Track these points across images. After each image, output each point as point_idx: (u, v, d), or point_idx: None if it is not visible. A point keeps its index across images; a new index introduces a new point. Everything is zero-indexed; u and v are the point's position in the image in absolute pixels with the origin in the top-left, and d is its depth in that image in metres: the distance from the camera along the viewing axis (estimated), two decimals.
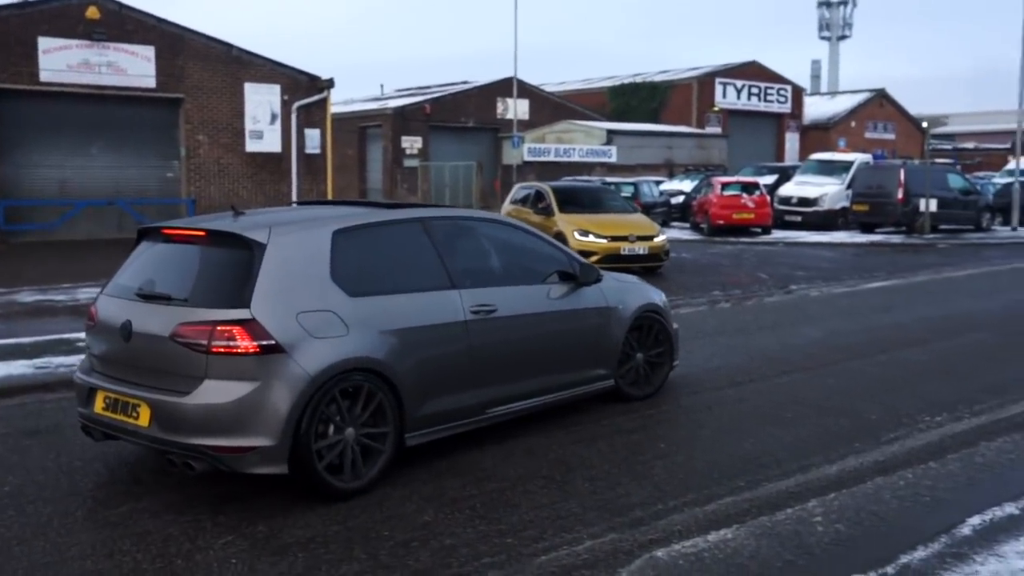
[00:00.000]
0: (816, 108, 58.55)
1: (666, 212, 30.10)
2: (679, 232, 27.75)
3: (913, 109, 61.77)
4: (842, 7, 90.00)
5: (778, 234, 27.06)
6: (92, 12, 23.51)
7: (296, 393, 5.30)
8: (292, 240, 5.72)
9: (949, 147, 61.38)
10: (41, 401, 8.07)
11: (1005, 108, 58.38)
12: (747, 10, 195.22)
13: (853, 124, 56.85)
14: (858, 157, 32.15)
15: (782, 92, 54.60)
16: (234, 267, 5.57)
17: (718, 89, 51.74)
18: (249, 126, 26.04)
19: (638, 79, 54.90)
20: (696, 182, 32.91)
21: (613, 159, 42.22)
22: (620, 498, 5.57)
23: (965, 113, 77.08)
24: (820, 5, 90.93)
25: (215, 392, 5.25)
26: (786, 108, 54.75)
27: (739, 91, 52.57)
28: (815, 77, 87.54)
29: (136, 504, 5.49)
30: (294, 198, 26.29)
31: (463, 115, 46.04)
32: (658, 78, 54.24)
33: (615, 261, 16.96)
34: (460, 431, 6.37)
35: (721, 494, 5.64)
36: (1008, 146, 53.97)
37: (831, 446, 6.58)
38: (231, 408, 5.23)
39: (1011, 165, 35.37)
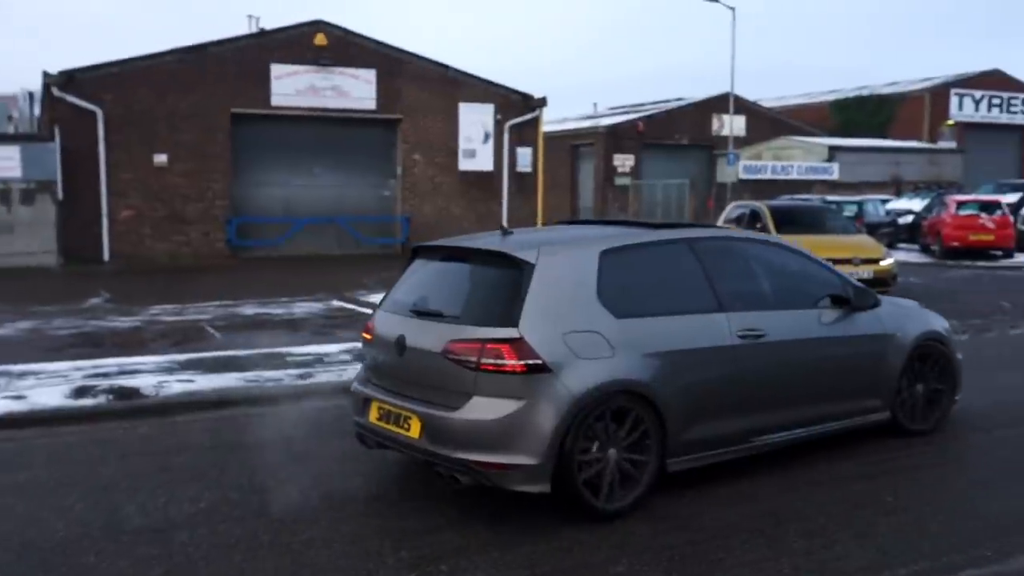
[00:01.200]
0: None
1: (893, 233, 28.22)
2: (907, 255, 25.84)
3: None
4: None
5: (1022, 258, 24.67)
6: (320, 39, 24.67)
7: (561, 413, 5.28)
8: (560, 260, 5.73)
9: None
10: (247, 415, 8.21)
11: None
12: (988, 12, 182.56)
13: None
14: None
15: None
16: (504, 286, 5.64)
17: (953, 100, 48.33)
18: (463, 145, 26.52)
19: (863, 92, 52.20)
20: (927, 201, 30.66)
21: (835, 176, 40.21)
22: (837, 559, 4.89)
23: None
24: None
25: (483, 409, 5.32)
26: None
27: (977, 102, 48.90)
28: None
29: (316, 533, 5.35)
30: (504, 216, 26.54)
31: (676, 132, 45.27)
32: (885, 90, 51.37)
33: None
34: (723, 459, 6.16)
35: (960, 564, 4.85)
36: None
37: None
38: (497, 425, 5.28)
39: None
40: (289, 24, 24.95)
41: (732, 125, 41.24)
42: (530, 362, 5.28)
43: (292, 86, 24.58)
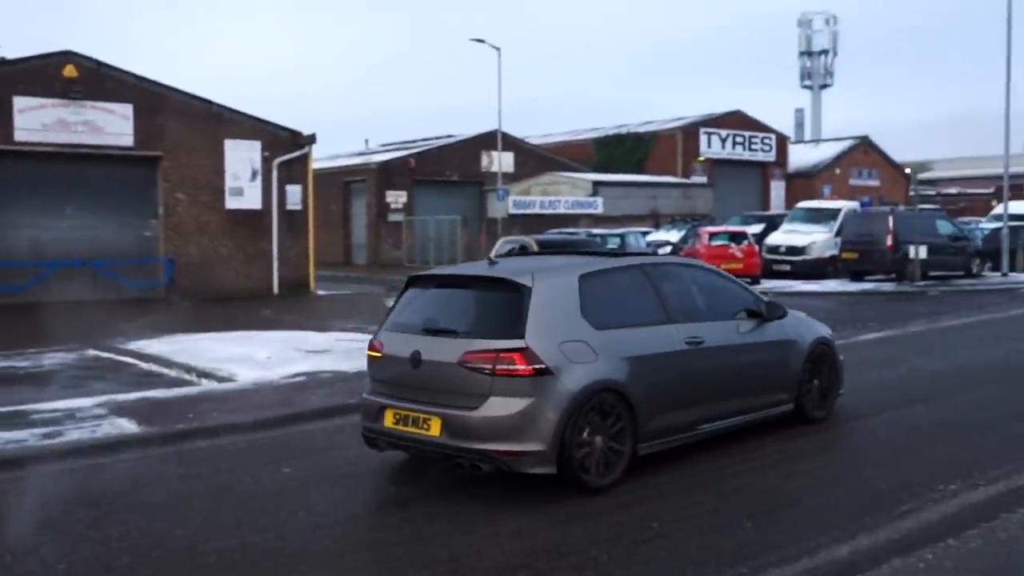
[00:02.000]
0: (800, 156, 58.66)
1: None
2: None
3: (896, 156, 62.02)
4: (823, 56, 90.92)
5: (768, 284, 26.61)
6: (70, 70, 23.15)
7: (562, 408, 6.50)
8: (550, 284, 6.95)
9: (933, 192, 61.30)
10: None
11: (987, 154, 58.78)
12: (730, 60, 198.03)
13: (838, 171, 56.93)
14: (845, 204, 31.91)
15: (766, 141, 54.68)
16: (507, 305, 6.80)
17: (702, 139, 51.77)
18: (229, 183, 25.62)
19: (622, 130, 54.93)
20: (683, 232, 32.57)
21: (599, 210, 41.96)
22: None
23: (948, 159, 77.42)
24: (801, 55, 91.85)
25: (499, 407, 6.48)
26: (771, 157, 54.79)
27: (723, 140, 52.62)
28: (799, 125, 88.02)
29: None
30: (275, 254, 25.86)
31: (447, 169, 45.86)
32: (642, 129, 54.30)
33: None
34: (675, 445, 7.45)
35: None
36: (991, 191, 54.18)
37: (838, 524, 6.03)
38: (512, 420, 6.45)
39: (998, 210, 35.26)
40: (34, 54, 23.29)
41: (501, 161, 42.25)
42: (537, 367, 6.49)
43: (38, 120, 22.90)
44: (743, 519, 6.11)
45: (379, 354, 7.29)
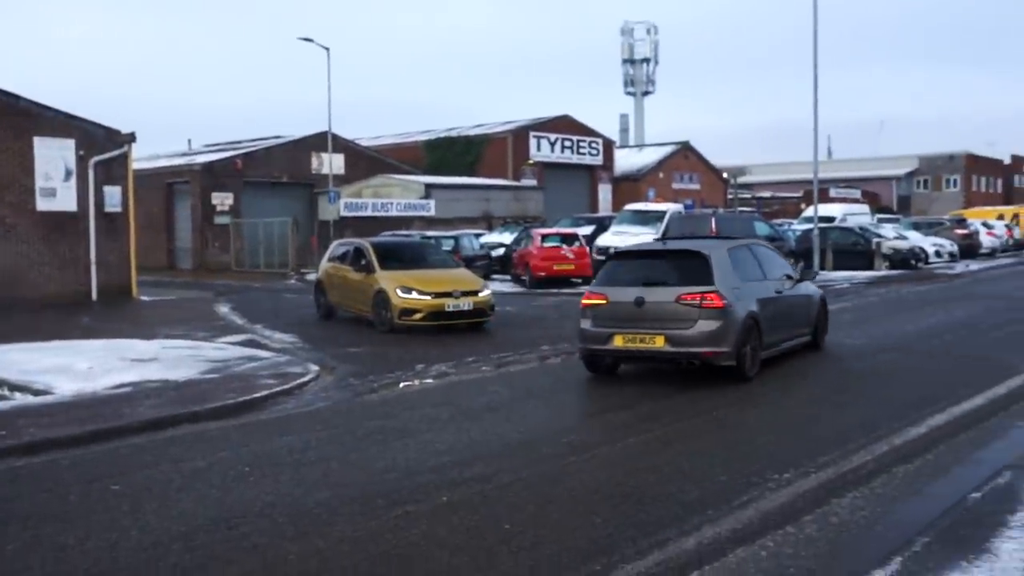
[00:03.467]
0: (626, 160, 60.53)
1: (487, 265, 29.88)
2: (501, 285, 27.53)
3: (715, 161, 64.97)
4: (645, 64, 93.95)
5: None
6: None
7: (736, 326, 10.74)
8: (717, 253, 11.37)
9: (749, 196, 64.72)
10: None
11: (798, 159, 62.42)
12: (559, 65, 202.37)
13: (661, 175, 59.09)
14: (670, 207, 33.07)
15: (594, 145, 56.11)
16: (698, 267, 11.05)
17: (532, 142, 52.60)
18: (40, 183, 24.01)
19: (453, 133, 55.13)
20: (515, 234, 32.93)
21: (431, 213, 41.92)
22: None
23: (762, 164, 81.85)
24: (625, 63, 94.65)
25: (705, 326, 10.66)
26: (598, 160, 56.27)
27: (552, 144, 53.63)
28: (624, 130, 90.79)
29: None
30: (93, 259, 24.44)
31: (277, 170, 44.75)
32: (473, 132, 54.64)
33: (440, 318, 16.46)
34: (773, 354, 11.88)
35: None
36: (800, 195, 57.45)
37: (683, 515, 6.19)
38: (714, 333, 10.65)
39: (809, 212, 37.40)
40: None
41: (331, 163, 41.57)
42: (725, 302, 10.73)
43: None
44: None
45: (604, 301, 11.19)
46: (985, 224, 42.88)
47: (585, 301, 11.36)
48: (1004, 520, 5.72)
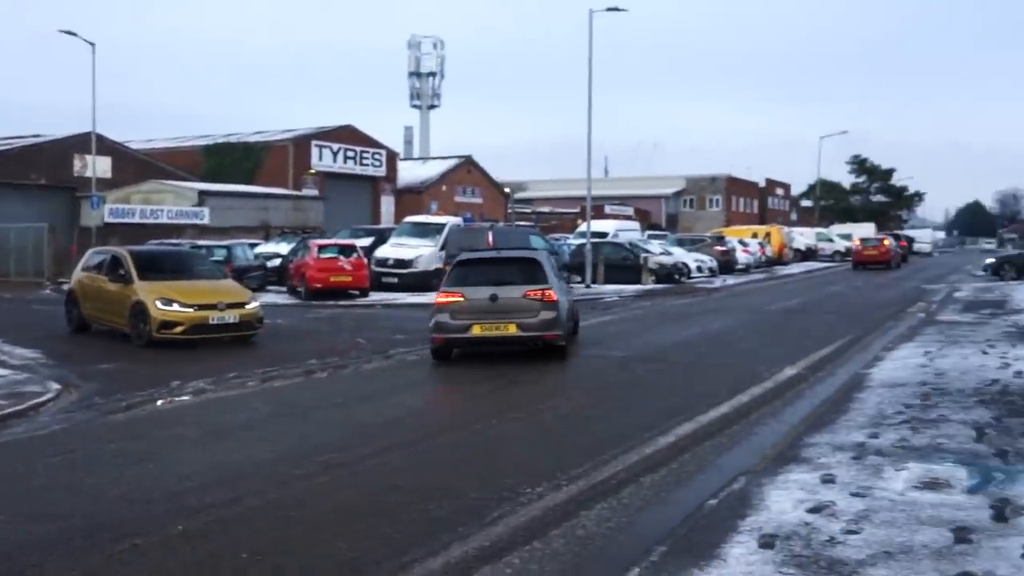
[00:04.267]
0: (410, 172, 60.49)
1: (262, 276, 28.91)
2: (276, 296, 26.73)
3: (498, 176, 66.09)
4: (431, 78, 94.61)
5: (376, 296, 26.98)
6: None
7: (564, 315, 14.14)
8: (543, 256, 14.85)
9: (529, 211, 66.20)
10: None
11: (578, 176, 64.43)
12: (343, 75, 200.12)
13: (444, 188, 59.44)
14: (450, 220, 33.24)
15: (377, 156, 55.69)
16: (535, 271, 14.05)
17: (314, 152, 51.56)
18: None
19: (232, 139, 53.25)
20: (293, 245, 32.08)
21: (206, 221, 40.20)
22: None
23: (543, 180, 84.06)
24: (411, 75, 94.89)
25: (546, 315, 13.49)
26: (381, 172, 55.88)
27: (335, 154, 52.80)
28: (408, 143, 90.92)
29: None
30: None
31: (33, 172, 41.58)
32: (253, 139, 52.99)
33: (203, 331, 15.72)
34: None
35: None
36: (578, 210, 59.36)
37: (433, 533, 6.07)
38: (552, 320, 13.56)
39: (583, 227, 38.64)
40: None
41: (96, 166, 39.03)
42: (557, 298, 13.67)
43: None
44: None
45: (462, 298, 13.44)
46: (741, 242, 45.89)
47: (441, 299, 13.58)
48: (735, 525, 5.95)
